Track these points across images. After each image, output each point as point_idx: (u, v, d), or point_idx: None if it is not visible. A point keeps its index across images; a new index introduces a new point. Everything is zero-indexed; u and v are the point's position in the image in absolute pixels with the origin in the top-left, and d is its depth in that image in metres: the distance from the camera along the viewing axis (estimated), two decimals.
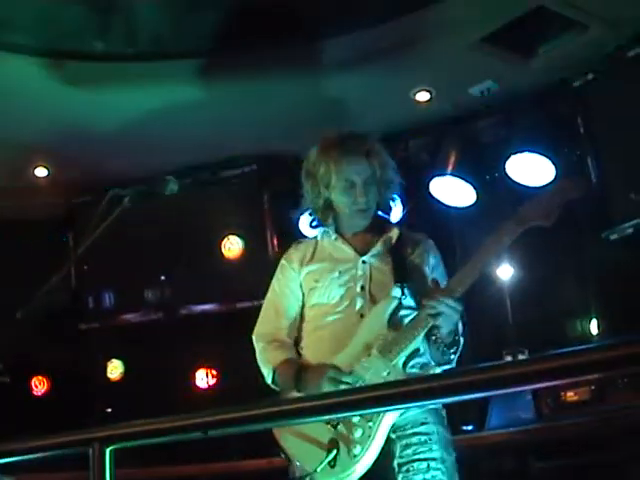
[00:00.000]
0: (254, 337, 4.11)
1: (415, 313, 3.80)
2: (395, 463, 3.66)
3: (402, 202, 6.66)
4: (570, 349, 2.02)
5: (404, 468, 3.64)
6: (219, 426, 2.62)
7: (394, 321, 3.80)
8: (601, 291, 6.43)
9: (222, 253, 7.27)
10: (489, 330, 6.82)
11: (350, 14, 5.51)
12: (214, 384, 7.41)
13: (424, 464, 3.63)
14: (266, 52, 5.77)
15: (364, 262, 3.96)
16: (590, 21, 5.55)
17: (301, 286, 4.04)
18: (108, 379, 7.67)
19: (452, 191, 6.59)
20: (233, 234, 7.25)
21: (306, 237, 4.27)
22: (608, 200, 6.04)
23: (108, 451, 2.58)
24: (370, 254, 3.99)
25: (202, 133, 6.73)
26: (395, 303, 3.81)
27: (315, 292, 3.97)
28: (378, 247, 4.01)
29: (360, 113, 6.53)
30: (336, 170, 3.94)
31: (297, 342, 4.06)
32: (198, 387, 7.37)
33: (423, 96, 6.47)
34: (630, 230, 5.84)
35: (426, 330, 3.71)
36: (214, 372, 7.42)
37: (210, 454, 6.32)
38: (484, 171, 6.57)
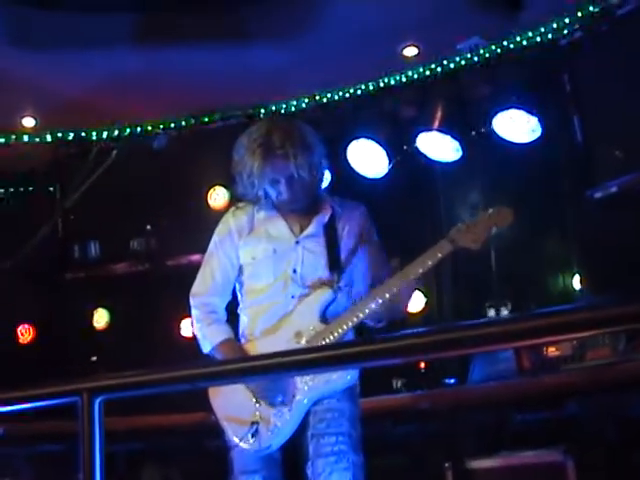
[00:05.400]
0: (191, 297, 4.33)
1: (346, 306, 4.10)
2: (309, 433, 4.04)
3: (388, 156, 6.72)
4: (547, 309, 2.04)
5: (316, 439, 4.02)
6: (209, 379, 2.66)
7: (325, 312, 4.09)
8: (584, 248, 6.47)
9: (208, 204, 7.29)
10: (473, 281, 6.88)
11: None
12: None
13: (333, 437, 4.01)
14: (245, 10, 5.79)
15: (297, 242, 4.18)
16: None
17: (238, 257, 4.25)
18: (94, 328, 7.69)
19: (438, 146, 6.60)
20: (219, 185, 7.26)
21: None
22: (593, 159, 6.08)
23: (97, 402, 2.60)
24: (304, 235, 4.20)
25: (189, 85, 6.72)
26: (327, 295, 4.09)
27: (250, 268, 4.21)
28: (312, 228, 4.21)
29: (348, 66, 6.55)
30: (260, 171, 4.11)
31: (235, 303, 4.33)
32: (183, 336, 7.39)
33: (411, 51, 6.47)
34: (614, 189, 5.87)
35: (354, 325, 4.02)
36: None
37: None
38: (470, 127, 6.58)
